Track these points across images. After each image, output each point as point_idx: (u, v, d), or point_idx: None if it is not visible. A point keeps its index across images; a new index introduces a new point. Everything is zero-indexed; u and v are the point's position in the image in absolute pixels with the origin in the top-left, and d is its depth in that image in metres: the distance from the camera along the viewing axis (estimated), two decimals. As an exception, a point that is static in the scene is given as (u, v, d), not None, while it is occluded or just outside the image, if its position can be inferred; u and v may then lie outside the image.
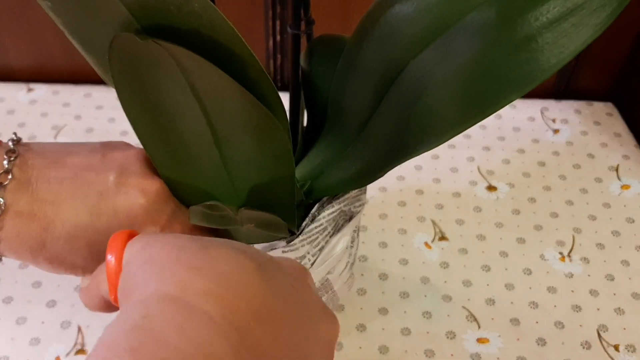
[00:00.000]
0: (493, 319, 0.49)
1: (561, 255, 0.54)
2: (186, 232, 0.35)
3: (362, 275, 0.52)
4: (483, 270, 0.52)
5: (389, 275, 0.52)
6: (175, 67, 0.28)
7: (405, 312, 0.49)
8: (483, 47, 0.27)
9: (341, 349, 0.47)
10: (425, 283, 0.51)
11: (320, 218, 0.36)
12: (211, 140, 0.32)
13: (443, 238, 0.55)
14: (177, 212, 0.35)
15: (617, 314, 0.49)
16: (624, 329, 0.48)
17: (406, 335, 0.48)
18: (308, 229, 0.36)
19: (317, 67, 0.38)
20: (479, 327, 0.48)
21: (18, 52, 0.71)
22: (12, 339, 0.46)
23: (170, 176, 0.34)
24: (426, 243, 0.55)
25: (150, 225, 0.34)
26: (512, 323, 0.49)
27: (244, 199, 0.35)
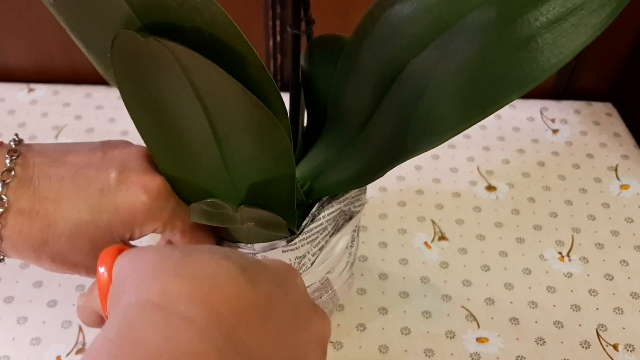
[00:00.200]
0: (493, 319, 0.49)
1: (560, 255, 0.54)
2: (187, 229, 0.36)
3: (362, 275, 0.52)
4: (483, 270, 0.53)
5: (389, 275, 0.52)
6: (176, 66, 0.28)
7: (405, 312, 0.49)
8: (483, 47, 0.27)
9: (341, 349, 0.47)
10: (425, 283, 0.51)
11: (320, 218, 0.36)
12: (212, 139, 0.32)
13: (443, 238, 0.55)
14: (178, 209, 0.35)
15: (617, 314, 0.49)
16: (623, 329, 0.48)
17: (406, 334, 0.48)
18: (308, 229, 0.36)
19: (317, 67, 0.38)
20: (479, 327, 0.48)
21: (18, 52, 0.71)
22: (13, 339, 0.47)
23: (171, 174, 0.35)
24: (426, 243, 0.55)
25: (151, 221, 0.34)
26: (512, 322, 0.49)
27: (244, 198, 0.35)
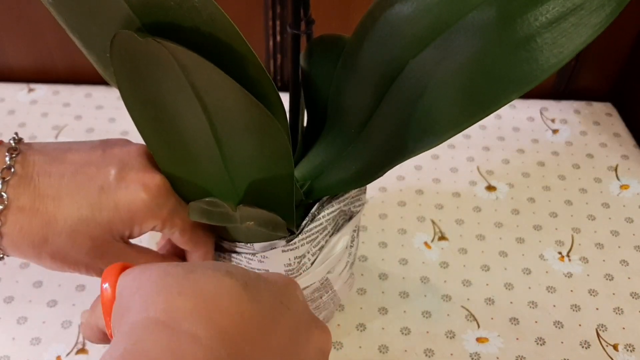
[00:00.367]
0: (492, 319, 0.49)
1: (560, 255, 0.54)
2: (186, 228, 0.36)
3: (362, 275, 0.52)
4: (482, 270, 0.53)
5: (389, 275, 0.52)
6: (175, 66, 0.28)
7: (405, 312, 0.49)
8: (483, 47, 0.27)
9: (341, 349, 0.47)
10: (425, 283, 0.51)
11: (320, 217, 0.36)
12: (212, 138, 0.32)
13: (443, 238, 0.55)
14: (178, 208, 0.35)
15: (616, 314, 0.49)
16: (623, 329, 0.48)
17: (406, 334, 0.48)
18: (308, 228, 0.36)
19: (317, 67, 0.38)
20: (479, 327, 0.48)
21: (18, 52, 0.71)
22: (13, 339, 0.47)
23: (171, 173, 0.35)
24: (426, 243, 0.55)
25: (150, 219, 0.34)
26: (512, 323, 0.49)
27: (244, 198, 0.35)
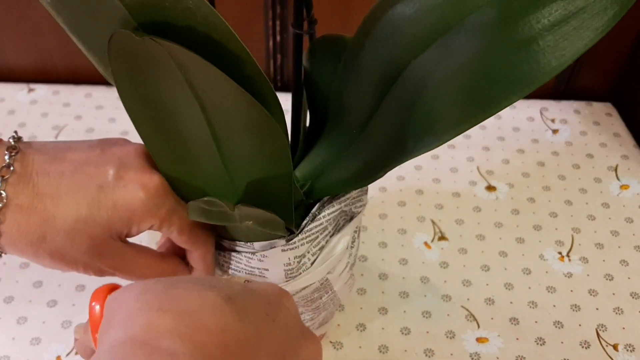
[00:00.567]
0: (492, 319, 0.49)
1: (560, 255, 0.54)
2: (185, 227, 0.36)
3: (362, 275, 0.52)
4: (482, 270, 0.53)
5: (389, 275, 0.52)
6: (173, 65, 0.28)
7: (405, 312, 0.49)
8: (484, 49, 0.27)
9: (341, 349, 0.47)
10: (425, 283, 0.52)
11: (320, 217, 0.36)
12: (210, 138, 0.32)
13: (443, 238, 0.55)
14: (177, 207, 0.35)
15: (616, 314, 0.49)
16: (623, 329, 0.48)
17: (406, 334, 0.48)
18: (308, 228, 0.36)
19: (319, 67, 0.38)
20: (479, 327, 0.48)
21: (18, 52, 0.71)
22: (13, 339, 0.47)
23: (170, 173, 0.35)
24: (426, 243, 0.55)
25: (149, 218, 0.34)
26: (512, 323, 0.49)
27: (243, 197, 0.35)
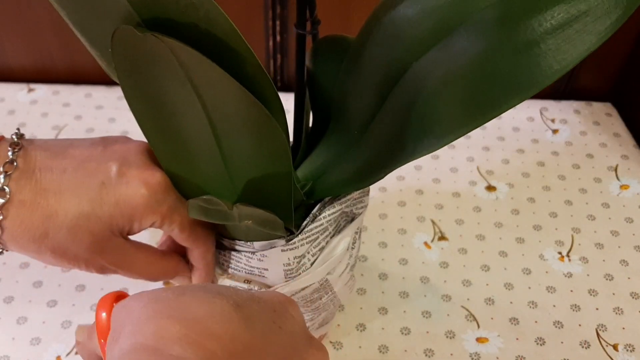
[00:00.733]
0: (492, 319, 0.49)
1: (560, 255, 0.54)
2: (186, 224, 0.36)
3: (362, 275, 0.52)
4: (482, 270, 0.53)
5: (389, 275, 0.52)
6: (175, 62, 0.28)
7: (405, 312, 0.49)
8: (485, 51, 0.27)
9: (341, 349, 0.47)
10: (424, 283, 0.52)
11: (320, 218, 0.36)
12: (211, 136, 0.32)
13: (443, 238, 0.55)
14: (178, 204, 0.35)
15: (616, 314, 0.49)
16: (623, 329, 0.48)
17: (406, 334, 0.48)
18: (308, 229, 0.36)
19: (322, 67, 0.38)
20: (479, 327, 0.48)
21: (18, 52, 0.71)
22: (13, 339, 0.47)
23: (172, 170, 0.35)
24: (426, 243, 0.55)
25: (150, 215, 0.34)
26: (512, 322, 0.49)
27: (243, 196, 0.35)
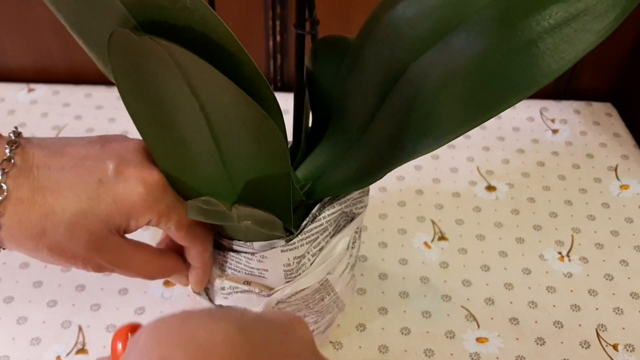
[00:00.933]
0: (492, 319, 0.49)
1: (560, 255, 0.54)
2: (183, 223, 0.36)
3: (362, 275, 0.52)
4: (482, 270, 0.53)
5: (389, 275, 0.52)
6: (172, 64, 0.28)
7: (404, 312, 0.49)
8: (484, 51, 0.27)
9: (341, 349, 0.47)
10: (424, 283, 0.52)
11: (320, 218, 0.36)
12: (209, 137, 0.32)
13: (443, 238, 0.55)
14: (175, 203, 0.35)
15: (616, 314, 0.49)
16: (623, 329, 0.48)
17: (406, 334, 0.48)
18: (308, 229, 0.36)
19: (322, 68, 0.38)
20: (479, 327, 0.48)
21: (18, 52, 0.71)
22: (13, 339, 0.47)
23: (170, 171, 0.35)
24: (426, 243, 0.55)
25: (147, 213, 0.34)
26: (512, 322, 0.49)
27: (243, 197, 0.35)
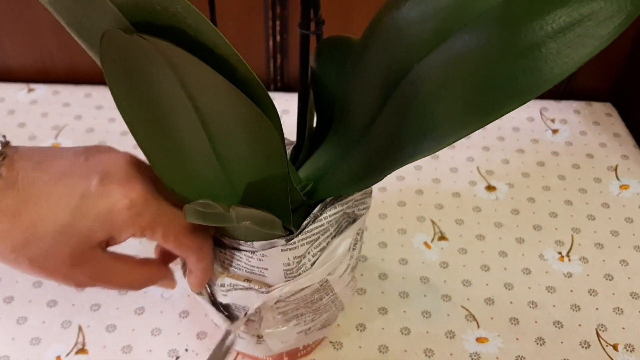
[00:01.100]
0: (492, 319, 0.49)
1: (560, 255, 0.54)
2: (169, 235, 0.35)
3: (362, 275, 0.52)
4: (482, 270, 0.53)
5: (389, 275, 0.52)
6: (164, 64, 0.28)
7: (404, 312, 0.49)
8: (486, 54, 0.27)
9: (341, 349, 0.47)
10: (424, 283, 0.52)
11: (321, 219, 0.36)
12: (205, 138, 0.32)
13: (443, 238, 0.55)
14: (160, 216, 0.35)
15: (616, 314, 0.49)
16: (623, 329, 0.48)
17: (406, 334, 0.48)
18: (308, 229, 0.36)
19: (327, 68, 0.38)
20: (479, 327, 0.48)
21: (18, 52, 0.71)
22: (13, 339, 0.47)
23: (166, 175, 0.34)
24: (426, 243, 0.55)
25: (130, 227, 0.34)
26: (512, 322, 0.49)
27: (242, 197, 0.35)
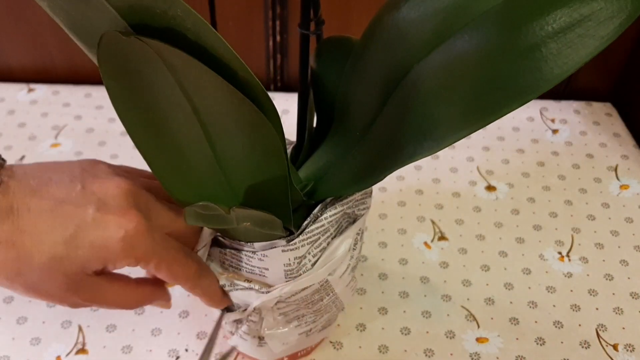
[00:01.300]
0: (492, 319, 0.49)
1: (560, 255, 0.54)
2: (162, 266, 0.35)
3: (362, 275, 0.52)
4: (482, 270, 0.53)
5: (389, 275, 0.52)
6: (162, 65, 0.28)
7: (404, 312, 0.49)
8: (486, 54, 0.27)
9: (341, 349, 0.47)
10: (424, 283, 0.52)
11: (322, 219, 0.36)
12: (204, 139, 0.32)
13: (443, 238, 0.55)
14: (155, 248, 0.35)
15: (616, 314, 0.49)
16: (623, 329, 0.48)
17: (406, 334, 0.48)
18: (309, 229, 0.36)
19: (327, 68, 0.38)
20: (479, 327, 0.48)
21: (18, 52, 0.71)
22: (13, 339, 0.47)
23: (166, 178, 0.34)
24: (426, 243, 0.55)
25: (125, 259, 0.34)
26: (512, 322, 0.49)
27: (242, 198, 0.35)
